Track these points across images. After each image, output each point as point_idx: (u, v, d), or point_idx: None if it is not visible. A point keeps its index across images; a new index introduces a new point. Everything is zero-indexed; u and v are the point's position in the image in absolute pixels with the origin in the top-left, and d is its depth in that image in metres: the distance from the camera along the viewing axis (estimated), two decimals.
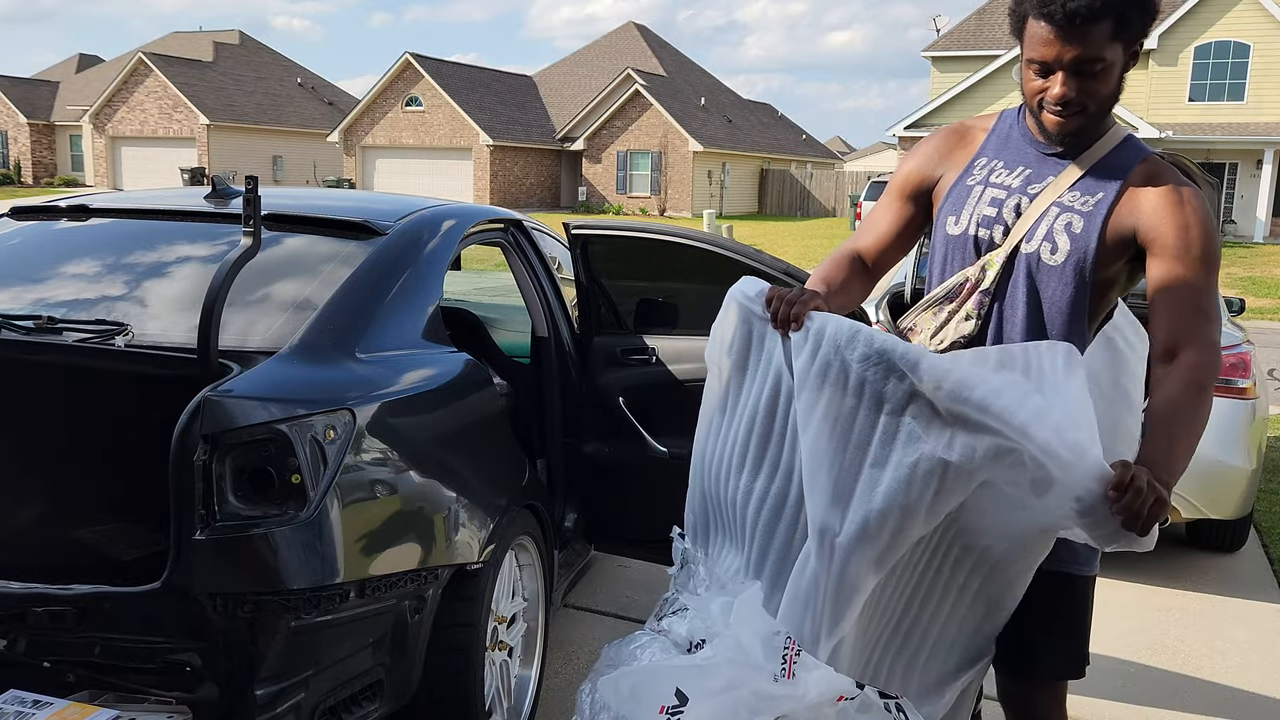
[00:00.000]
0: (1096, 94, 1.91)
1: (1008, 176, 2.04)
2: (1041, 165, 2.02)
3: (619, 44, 44.35)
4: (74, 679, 2.16)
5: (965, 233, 2.06)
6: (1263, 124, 26.64)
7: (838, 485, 1.82)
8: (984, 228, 2.04)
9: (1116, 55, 1.89)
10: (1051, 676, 2.13)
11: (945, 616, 2.02)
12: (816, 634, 1.81)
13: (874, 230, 2.22)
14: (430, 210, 3.01)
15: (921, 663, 2.04)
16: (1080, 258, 1.96)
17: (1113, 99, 1.95)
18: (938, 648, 2.04)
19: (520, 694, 2.92)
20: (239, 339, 2.36)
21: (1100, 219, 1.95)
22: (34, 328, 2.40)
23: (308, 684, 2.14)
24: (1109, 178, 1.97)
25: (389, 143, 38.58)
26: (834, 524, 1.80)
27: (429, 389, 2.54)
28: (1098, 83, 1.90)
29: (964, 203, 2.07)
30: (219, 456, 2.06)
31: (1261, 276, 18.15)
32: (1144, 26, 1.90)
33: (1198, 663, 3.65)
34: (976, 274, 2.05)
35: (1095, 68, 1.88)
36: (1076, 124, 1.95)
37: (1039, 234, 1.98)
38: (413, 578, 2.32)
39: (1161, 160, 1.99)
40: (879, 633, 1.97)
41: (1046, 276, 1.98)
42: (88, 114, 42.11)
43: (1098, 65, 1.88)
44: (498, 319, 4.36)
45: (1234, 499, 4.37)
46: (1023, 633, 2.10)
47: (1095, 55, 1.86)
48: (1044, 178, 2.01)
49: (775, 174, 41.28)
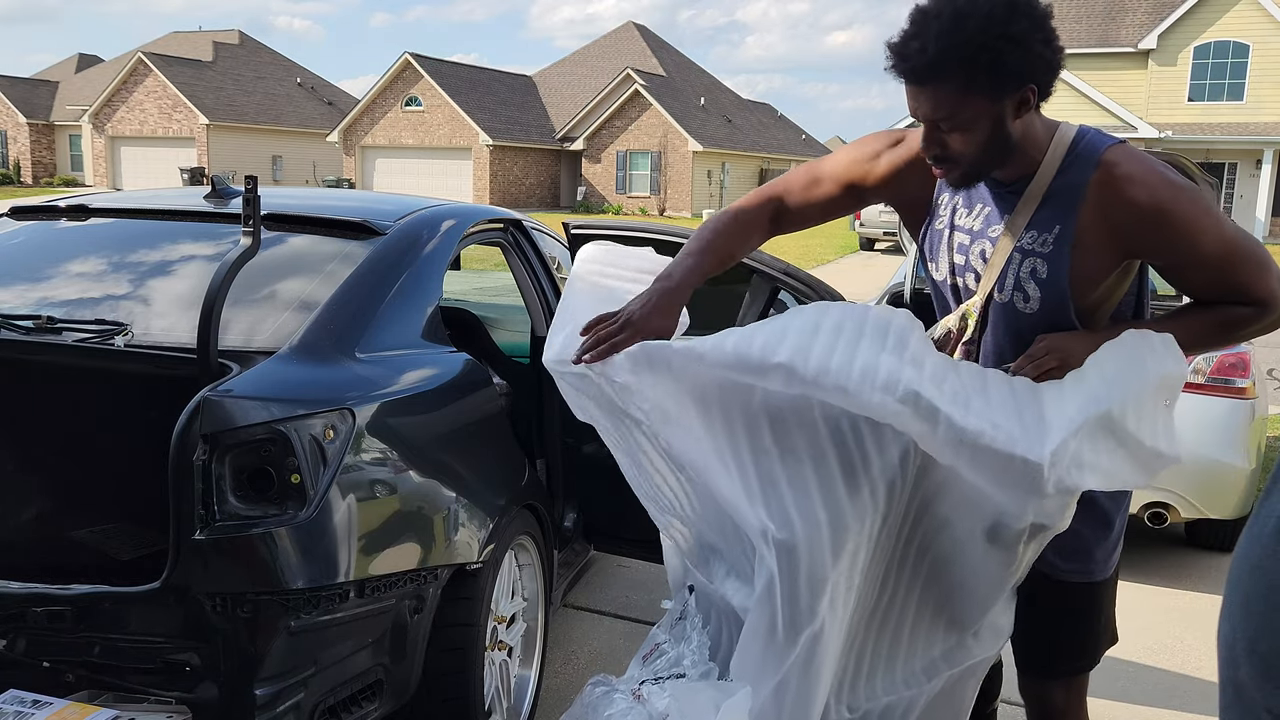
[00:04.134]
0: (966, 147, 1.81)
1: (968, 217, 1.98)
2: (998, 202, 1.93)
3: (619, 44, 44.35)
4: (73, 679, 2.16)
5: (945, 280, 2.06)
6: (1262, 124, 26.66)
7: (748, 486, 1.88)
8: (958, 275, 2.02)
9: (980, 111, 1.77)
10: (1067, 672, 2.14)
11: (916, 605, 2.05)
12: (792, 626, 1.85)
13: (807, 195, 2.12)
14: (430, 210, 3.01)
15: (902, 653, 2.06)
16: (1055, 302, 1.89)
17: (999, 148, 1.82)
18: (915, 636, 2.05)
19: (520, 694, 2.92)
20: (238, 339, 2.35)
21: (1064, 259, 1.86)
22: (33, 328, 2.40)
23: (307, 684, 2.14)
24: (1062, 207, 1.85)
25: (388, 143, 38.58)
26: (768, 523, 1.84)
27: (429, 389, 2.54)
28: (965, 137, 1.80)
29: (938, 249, 2.05)
30: (218, 456, 2.06)
31: None
32: (1002, 82, 1.75)
33: (1198, 663, 3.65)
34: (957, 324, 2.03)
35: (953, 124, 1.79)
36: (955, 176, 1.88)
37: (1009, 284, 1.92)
38: (412, 577, 2.32)
39: (1119, 161, 1.82)
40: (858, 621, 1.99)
41: (1026, 323, 1.93)
42: (87, 114, 42.11)
43: (955, 120, 1.78)
44: (498, 319, 4.36)
45: (1233, 499, 4.38)
46: (1036, 633, 2.11)
47: (948, 112, 1.78)
48: (1001, 217, 1.93)
49: (775, 174, 41.18)
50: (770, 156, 42.54)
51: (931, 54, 1.74)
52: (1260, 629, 0.77)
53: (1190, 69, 27.58)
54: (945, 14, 1.74)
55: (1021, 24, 1.73)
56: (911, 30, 1.77)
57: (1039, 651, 2.15)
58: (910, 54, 1.76)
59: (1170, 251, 1.84)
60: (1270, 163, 26.71)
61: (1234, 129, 26.81)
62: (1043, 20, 1.76)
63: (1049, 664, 2.14)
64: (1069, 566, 2.04)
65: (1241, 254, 1.84)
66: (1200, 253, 1.83)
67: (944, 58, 1.74)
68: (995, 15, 1.72)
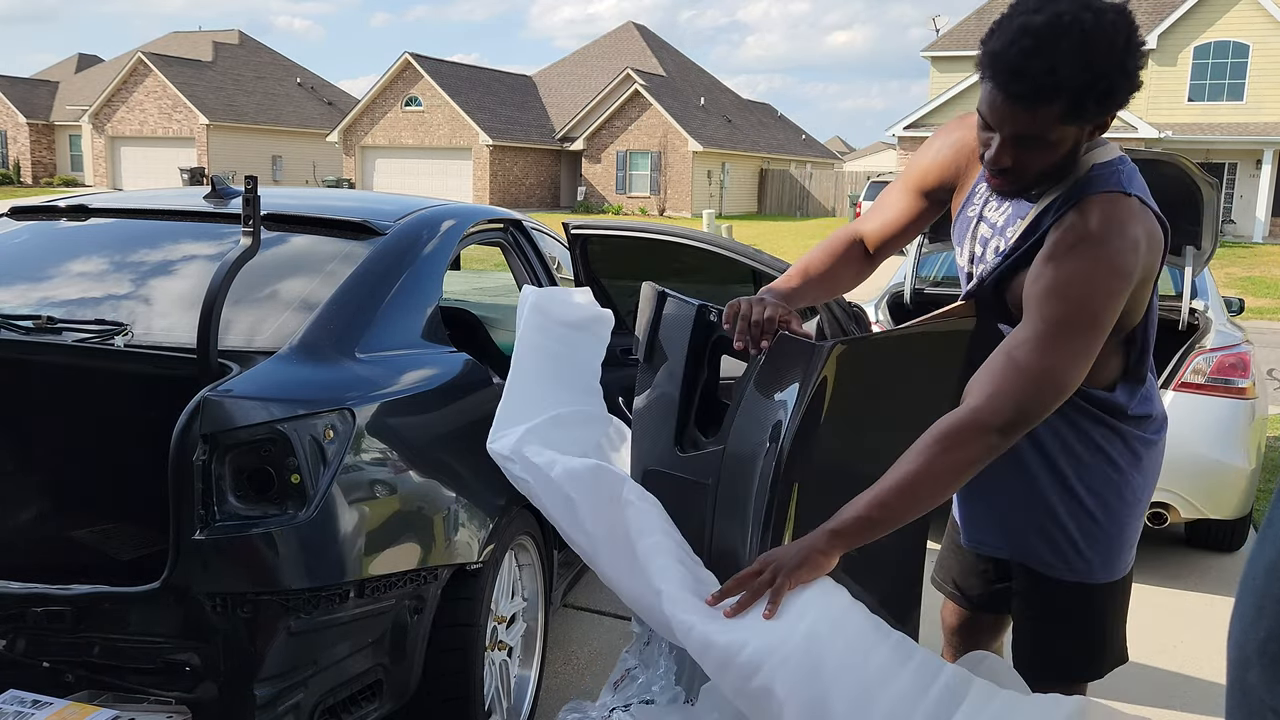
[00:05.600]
0: (1036, 165, 1.80)
1: (995, 211, 1.99)
2: (1018, 204, 1.93)
3: (619, 44, 44.34)
4: (73, 679, 2.16)
5: (963, 266, 2.08)
6: (1262, 124, 26.66)
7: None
8: (975, 264, 2.04)
9: (1066, 135, 1.75)
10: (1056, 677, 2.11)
11: None
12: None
13: (882, 217, 2.18)
14: (429, 210, 3.01)
15: None
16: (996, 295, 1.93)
17: (1064, 167, 1.82)
18: None
19: (520, 694, 2.92)
20: (239, 339, 2.36)
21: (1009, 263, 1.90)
22: (33, 327, 2.40)
23: (307, 684, 2.14)
24: (1044, 224, 1.86)
25: (388, 143, 38.58)
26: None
27: (429, 389, 2.54)
28: (1039, 155, 1.78)
29: (964, 235, 2.06)
30: (218, 456, 2.06)
31: (1261, 276, 18.16)
32: (1103, 112, 1.74)
33: (1198, 663, 3.65)
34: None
35: (1037, 145, 1.77)
36: (1012, 189, 1.87)
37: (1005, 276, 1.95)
38: (412, 577, 2.32)
39: (1097, 201, 1.79)
40: None
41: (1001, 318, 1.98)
42: (87, 114, 42.10)
43: (1040, 143, 1.76)
44: (498, 319, 4.36)
45: (1233, 499, 4.37)
46: (1026, 633, 2.11)
47: (1037, 135, 1.75)
48: (1016, 220, 1.93)
49: (775, 174, 41.28)
50: (770, 156, 42.52)
51: (1057, 78, 1.67)
52: (1273, 630, 0.77)
53: (1190, 69, 27.57)
54: (1074, 35, 1.65)
55: (1135, 57, 1.70)
56: (1032, 46, 1.67)
57: (1025, 651, 2.14)
58: (1031, 73, 1.67)
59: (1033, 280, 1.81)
60: (1270, 163, 26.71)
61: (1234, 129, 26.81)
62: (1144, 51, 1.73)
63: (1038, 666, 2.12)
64: (1052, 559, 2.04)
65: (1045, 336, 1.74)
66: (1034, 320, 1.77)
67: (1067, 83, 1.67)
68: (1117, 44, 1.67)
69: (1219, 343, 4.43)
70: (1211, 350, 4.38)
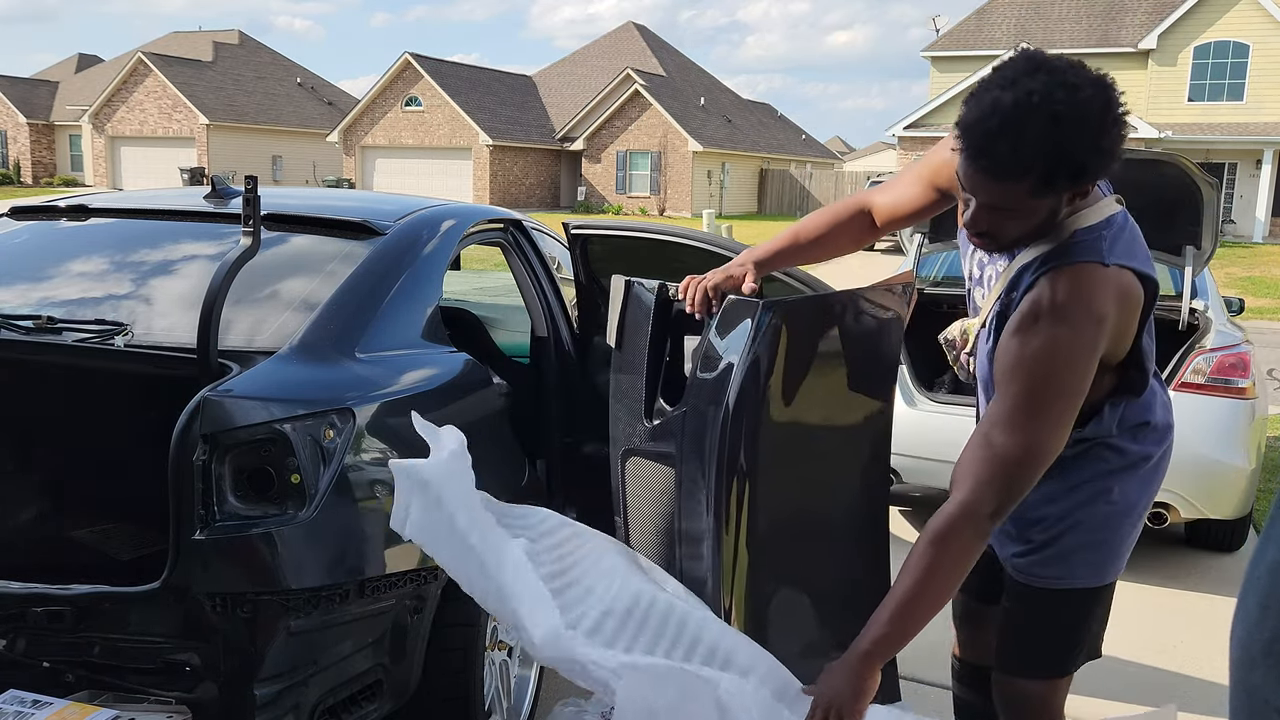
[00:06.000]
0: (1011, 231, 1.81)
1: None
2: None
3: (619, 44, 44.34)
4: (73, 679, 2.16)
5: (967, 282, 2.13)
6: (1262, 124, 26.66)
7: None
8: (973, 283, 2.10)
9: (1039, 206, 1.75)
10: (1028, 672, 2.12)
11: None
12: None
13: (895, 195, 2.19)
14: (429, 210, 3.01)
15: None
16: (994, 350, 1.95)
17: (1043, 231, 1.83)
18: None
19: (520, 694, 2.92)
20: (239, 339, 2.35)
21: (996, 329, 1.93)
22: (33, 327, 2.40)
23: (307, 684, 2.14)
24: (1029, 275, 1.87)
25: (388, 143, 38.58)
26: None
27: (429, 389, 2.54)
28: (1014, 223, 1.79)
29: (966, 251, 2.10)
30: (218, 456, 2.06)
31: (1261, 276, 18.15)
32: (1079, 185, 1.73)
33: (1198, 663, 3.65)
34: (960, 337, 2.11)
35: (1010, 215, 1.77)
36: (991, 249, 1.89)
37: (989, 318, 1.98)
38: (412, 577, 2.32)
39: (1065, 274, 1.79)
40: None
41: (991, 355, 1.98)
42: (87, 114, 42.10)
43: (1013, 213, 1.77)
44: (498, 319, 4.36)
45: (1233, 499, 4.37)
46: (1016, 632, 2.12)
47: (1009, 206, 1.75)
48: (1008, 256, 1.95)
49: (775, 174, 41.28)
50: (770, 156, 42.51)
51: (1021, 160, 1.67)
52: (1278, 630, 0.77)
53: (1190, 69, 27.58)
54: (1042, 117, 1.63)
55: (1111, 134, 1.68)
56: (998, 127, 1.66)
57: (1006, 646, 2.15)
58: (996, 154, 1.68)
59: (999, 367, 1.85)
60: (1270, 163, 26.71)
61: (1234, 129, 26.81)
62: (1125, 121, 1.71)
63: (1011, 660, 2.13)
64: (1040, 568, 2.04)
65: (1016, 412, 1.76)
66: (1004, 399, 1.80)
67: (1032, 164, 1.67)
68: (1089, 124, 1.66)
69: (1219, 343, 4.43)
70: (1211, 350, 4.38)
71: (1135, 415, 2.00)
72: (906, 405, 4.57)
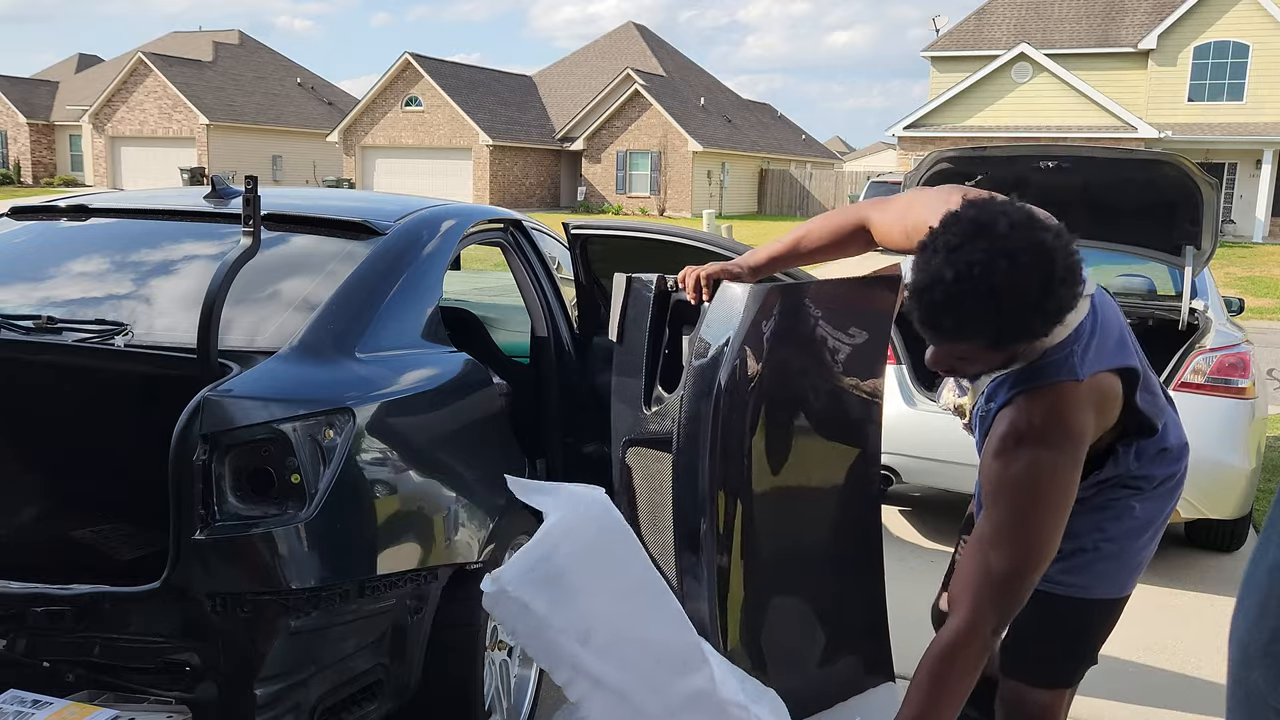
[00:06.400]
0: (973, 370, 1.88)
1: None
2: None
3: (618, 44, 44.33)
4: (73, 679, 2.16)
5: None
6: (1262, 124, 26.66)
7: None
8: None
9: (996, 356, 1.80)
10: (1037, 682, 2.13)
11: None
12: None
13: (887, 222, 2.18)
14: (430, 210, 3.01)
15: None
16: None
17: (1006, 366, 1.87)
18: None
19: (520, 694, 2.92)
20: (239, 339, 2.35)
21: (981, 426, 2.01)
22: (33, 327, 2.40)
23: (307, 684, 2.14)
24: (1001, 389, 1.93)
25: (389, 143, 38.57)
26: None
27: (429, 389, 2.54)
28: (974, 366, 1.85)
29: None
30: (218, 456, 2.06)
31: (1261, 276, 18.15)
32: (1031, 340, 1.76)
33: (1198, 663, 3.65)
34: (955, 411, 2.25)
35: (970, 361, 1.82)
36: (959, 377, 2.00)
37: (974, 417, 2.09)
38: (412, 577, 2.32)
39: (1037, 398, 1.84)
40: None
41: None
42: (87, 114, 42.08)
43: (970, 362, 1.82)
44: (498, 319, 4.36)
45: (1233, 498, 4.37)
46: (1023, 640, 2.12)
47: (965, 358, 1.81)
48: None
49: (774, 174, 41.27)
50: (770, 156, 42.50)
51: (964, 332, 1.72)
52: (1277, 631, 0.77)
53: (1190, 69, 27.57)
54: (981, 291, 1.66)
55: (1055, 297, 1.69)
56: (941, 300, 1.69)
57: (1012, 652, 2.15)
58: (942, 327, 1.73)
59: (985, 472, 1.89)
60: (1270, 163, 26.70)
61: (1234, 129, 26.80)
62: (1075, 276, 1.70)
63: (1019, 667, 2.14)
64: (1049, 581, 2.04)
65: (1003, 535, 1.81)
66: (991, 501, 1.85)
67: (977, 333, 1.71)
68: (1030, 293, 1.66)
69: (1219, 342, 4.43)
70: (1211, 350, 4.38)
71: (1152, 446, 2.02)
72: (906, 405, 4.57)
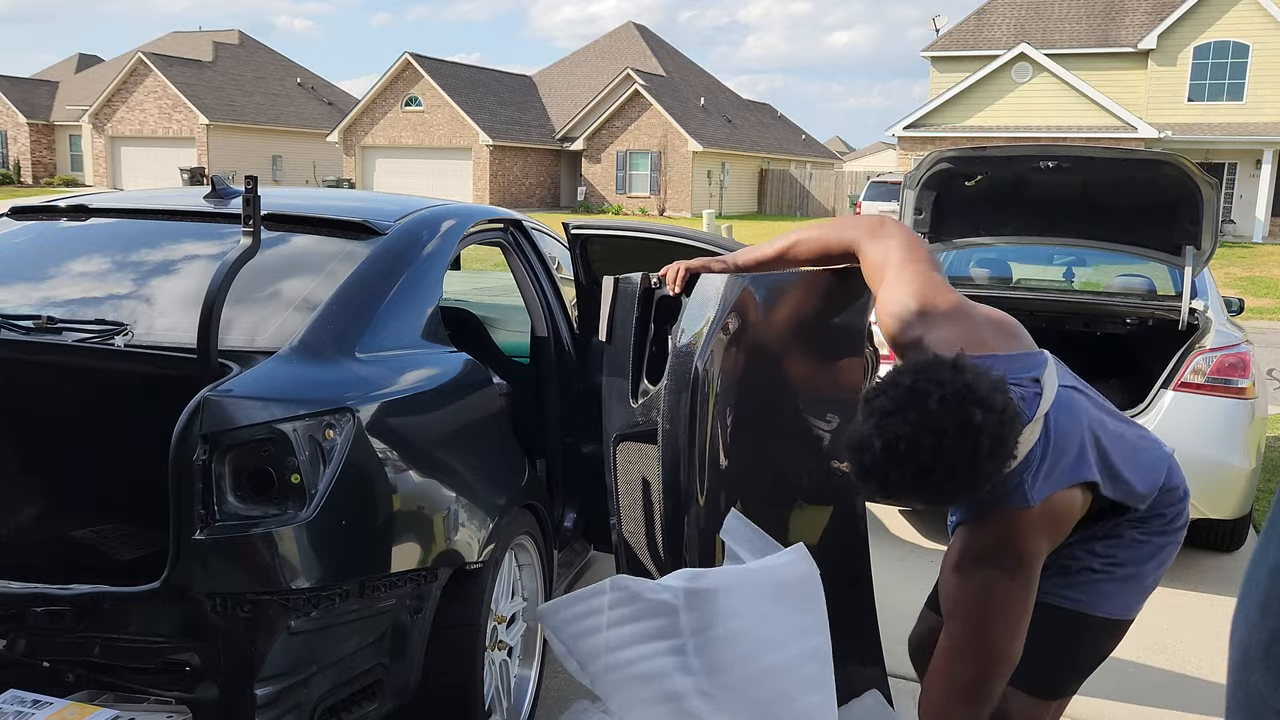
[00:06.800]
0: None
1: None
2: None
3: (618, 44, 44.33)
4: (73, 679, 2.16)
5: None
6: (1262, 124, 26.66)
7: None
8: None
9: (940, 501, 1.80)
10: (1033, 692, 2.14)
11: None
12: None
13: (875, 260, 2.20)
14: (430, 210, 3.01)
15: None
16: None
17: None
18: None
19: (520, 694, 2.92)
20: (239, 339, 2.35)
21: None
22: (33, 327, 2.40)
23: (307, 684, 2.14)
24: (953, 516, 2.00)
25: (388, 143, 38.56)
26: None
27: (429, 389, 2.54)
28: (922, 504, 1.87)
29: None
30: (218, 456, 2.06)
31: (1261, 276, 18.15)
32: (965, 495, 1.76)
33: (1198, 663, 3.65)
34: None
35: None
36: None
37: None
38: (412, 577, 2.32)
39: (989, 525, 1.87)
40: None
41: None
42: (87, 114, 42.08)
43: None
44: (497, 319, 4.36)
45: (1233, 498, 4.37)
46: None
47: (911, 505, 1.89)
48: None
49: (774, 174, 41.27)
50: (770, 156, 42.49)
51: (892, 497, 1.76)
52: (1278, 632, 0.77)
53: (1190, 69, 27.57)
54: (908, 467, 1.68)
55: (980, 471, 1.69)
56: (870, 465, 1.72)
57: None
58: (871, 489, 1.77)
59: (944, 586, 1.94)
60: (1270, 163, 26.70)
61: (1234, 129, 26.80)
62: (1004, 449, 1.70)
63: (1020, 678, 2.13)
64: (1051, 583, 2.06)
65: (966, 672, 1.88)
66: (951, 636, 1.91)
67: (904, 499, 1.76)
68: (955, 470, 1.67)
69: (1219, 343, 4.43)
70: (1211, 350, 4.38)
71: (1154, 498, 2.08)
72: None
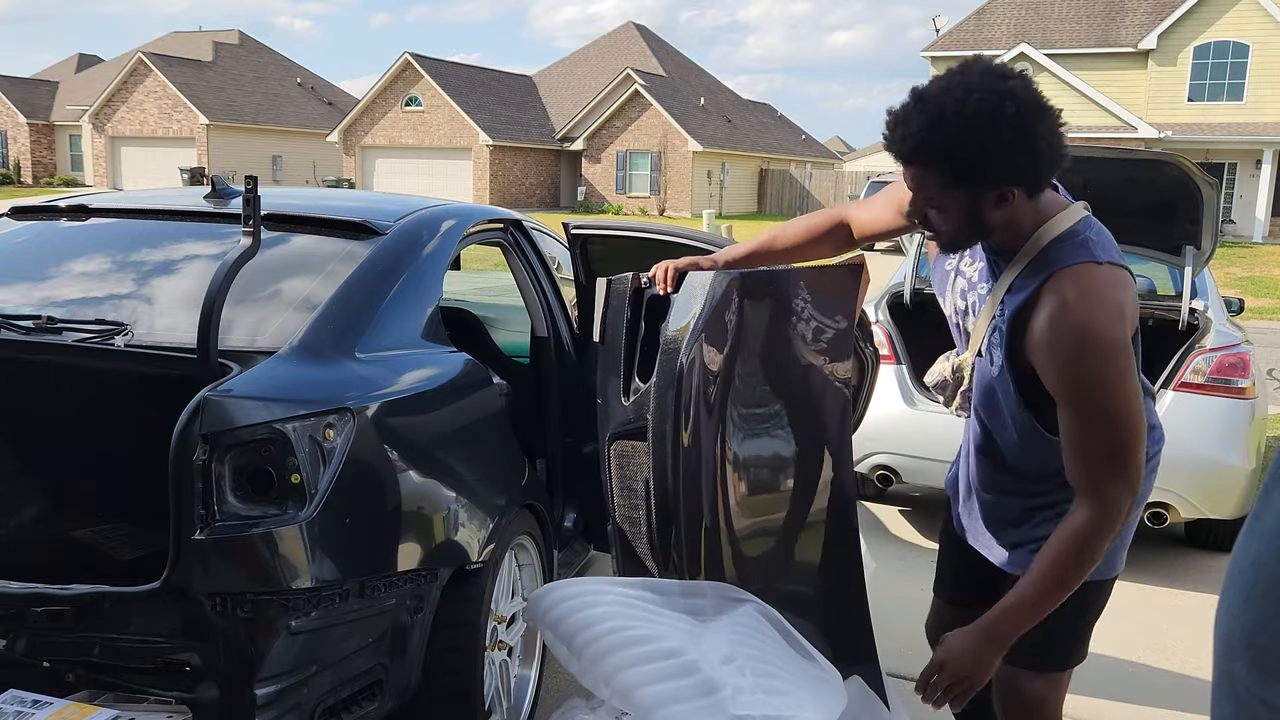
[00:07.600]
0: (942, 225, 1.87)
1: (969, 266, 2.05)
2: (989, 264, 1.99)
3: (618, 44, 44.34)
4: (74, 679, 2.16)
5: (952, 318, 2.14)
6: (1262, 124, 26.67)
7: None
8: (960, 316, 2.10)
9: (958, 198, 1.81)
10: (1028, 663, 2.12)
11: None
12: None
13: (871, 213, 2.30)
14: (430, 210, 3.01)
15: None
16: (1003, 375, 1.95)
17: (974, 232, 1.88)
18: None
19: (520, 694, 2.92)
20: (239, 339, 2.36)
21: (1005, 345, 1.92)
22: (34, 327, 2.40)
23: (307, 684, 2.14)
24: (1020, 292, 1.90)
25: (388, 143, 38.58)
26: None
27: (429, 389, 2.54)
28: (941, 216, 1.86)
29: (945, 288, 2.13)
30: (218, 456, 2.06)
31: (1261, 276, 18.16)
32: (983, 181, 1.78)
33: (1197, 662, 3.65)
34: (953, 375, 2.14)
35: (931, 204, 1.85)
36: (941, 244, 1.96)
37: (983, 345, 1.99)
38: (412, 577, 2.32)
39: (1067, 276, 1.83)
40: None
41: (994, 383, 1.99)
42: (87, 114, 42.09)
43: (932, 202, 1.85)
44: (498, 319, 4.36)
45: (1233, 499, 4.37)
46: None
47: (927, 195, 1.84)
48: (989, 278, 1.98)
49: (774, 174, 41.27)
50: (770, 156, 42.50)
51: (910, 146, 1.79)
52: (1259, 622, 0.78)
53: (1190, 69, 27.58)
54: (930, 109, 1.76)
55: (1004, 132, 1.73)
56: (899, 115, 1.80)
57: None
58: (892, 140, 1.82)
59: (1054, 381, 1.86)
60: (1270, 163, 26.71)
61: (1234, 129, 26.81)
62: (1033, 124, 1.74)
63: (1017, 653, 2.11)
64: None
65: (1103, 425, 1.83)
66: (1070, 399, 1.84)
67: (921, 152, 1.78)
68: (975, 123, 1.72)
69: (1219, 342, 4.44)
70: (1211, 350, 4.39)
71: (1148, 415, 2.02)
72: (906, 405, 4.57)
